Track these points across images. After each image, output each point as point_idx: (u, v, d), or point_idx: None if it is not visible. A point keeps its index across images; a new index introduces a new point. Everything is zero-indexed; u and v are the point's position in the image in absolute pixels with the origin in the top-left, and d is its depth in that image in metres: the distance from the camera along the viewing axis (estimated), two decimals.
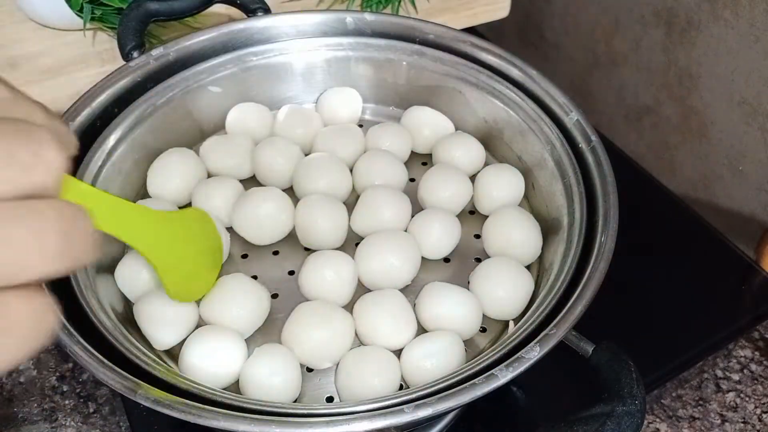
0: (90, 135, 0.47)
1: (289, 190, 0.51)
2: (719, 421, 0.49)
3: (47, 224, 0.17)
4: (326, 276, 0.44)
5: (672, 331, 0.52)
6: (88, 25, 0.60)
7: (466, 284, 0.45)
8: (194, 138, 0.55)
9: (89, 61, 0.60)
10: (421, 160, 0.55)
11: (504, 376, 0.34)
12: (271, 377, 0.39)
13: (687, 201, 0.64)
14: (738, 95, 0.64)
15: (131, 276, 0.43)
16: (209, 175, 0.52)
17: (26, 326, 0.17)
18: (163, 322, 0.41)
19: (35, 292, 0.18)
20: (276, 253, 0.48)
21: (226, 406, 0.34)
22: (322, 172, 0.49)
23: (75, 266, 0.18)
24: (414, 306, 0.44)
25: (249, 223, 0.47)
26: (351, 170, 0.52)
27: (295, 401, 0.40)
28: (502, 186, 0.50)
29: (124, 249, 0.47)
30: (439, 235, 0.47)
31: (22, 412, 0.48)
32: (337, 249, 0.47)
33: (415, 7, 0.69)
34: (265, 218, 0.47)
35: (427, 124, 0.55)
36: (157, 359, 0.39)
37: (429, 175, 0.51)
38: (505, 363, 0.35)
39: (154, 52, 0.51)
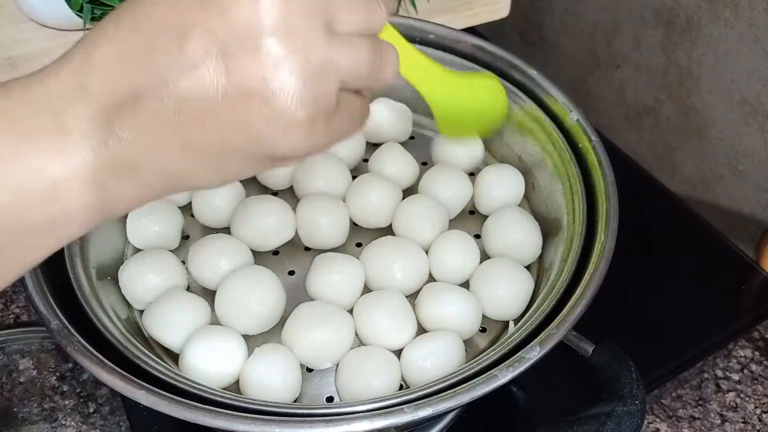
0: None
1: (289, 190, 0.51)
2: (719, 421, 0.49)
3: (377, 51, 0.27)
4: (334, 280, 0.44)
5: (672, 331, 0.52)
6: (88, 25, 0.60)
7: (466, 284, 0.46)
8: None
9: None
10: (421, 160, 0.55)
11: (504, 376, 0.34)
12: (271, 377, 0.39)
13: (687, 201, 0.64)
14: (738, 95, 0.64)
15: (134, 279, 0.43)
16: None
17: (359, 114, 0.29)
18: (172, 324, 0.41)
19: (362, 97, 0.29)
20: (276, 253, 0.48)
21: (226, 406, 0.34)
22: (322, 172, 0.49)
23: (380, 84, 0.28)
24: (414, 306, 0.44)
25: (251, 233, 0.46)
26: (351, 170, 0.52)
27: (295, 401, 0.40)
28: (502, 186, 0.50)
29: (125, 252, 0.47)
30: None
31: (22, 412, 0.48)
32: (338, 248, 0.47)
33: (415, 7, 0.69)
34: (267, 228, 0.46)
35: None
36: (157, 359, 0.39)
37: (429, 175, 0.51)
38: (505, 363, 0.35)
39: None
